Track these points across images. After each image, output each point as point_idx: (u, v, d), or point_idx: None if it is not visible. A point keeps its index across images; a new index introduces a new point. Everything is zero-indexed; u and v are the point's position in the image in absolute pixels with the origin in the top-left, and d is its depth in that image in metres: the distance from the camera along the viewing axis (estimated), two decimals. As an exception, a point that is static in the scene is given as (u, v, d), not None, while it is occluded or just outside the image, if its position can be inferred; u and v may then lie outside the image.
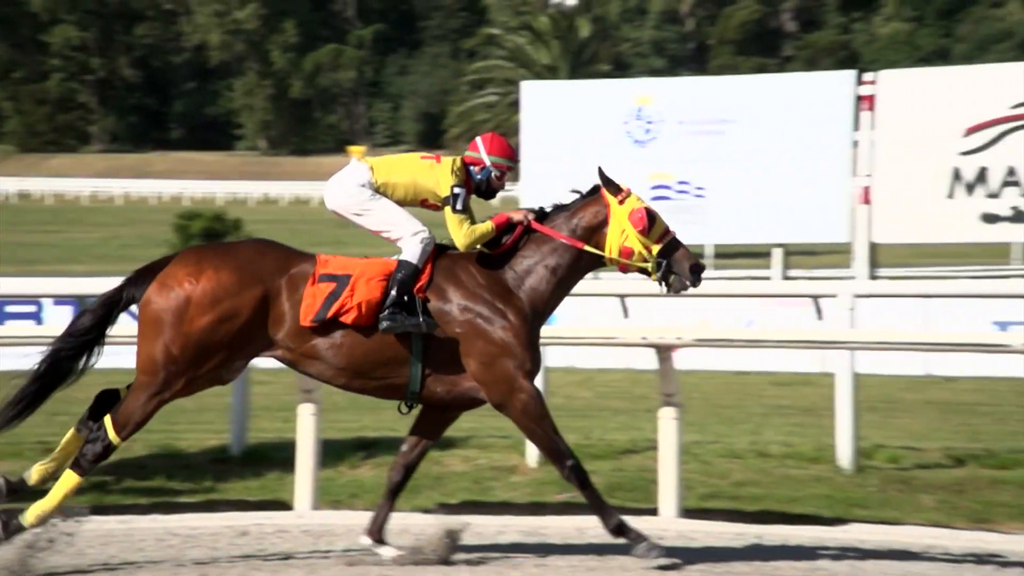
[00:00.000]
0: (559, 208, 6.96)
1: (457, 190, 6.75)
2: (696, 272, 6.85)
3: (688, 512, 8.00)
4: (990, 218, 11.39)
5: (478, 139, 6.98)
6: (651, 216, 6.82)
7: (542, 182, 13.40)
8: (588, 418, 11.50)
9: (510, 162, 6.97)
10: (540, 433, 6.74)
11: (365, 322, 6.59)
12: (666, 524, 7.70)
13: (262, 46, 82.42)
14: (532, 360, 6.72)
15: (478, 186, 6.93)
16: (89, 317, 6.74)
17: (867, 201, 11.90)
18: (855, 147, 12.28)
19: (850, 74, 13.13)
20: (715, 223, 13.16)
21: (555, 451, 6.74)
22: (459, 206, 6.73)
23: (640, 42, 77.99)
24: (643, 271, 6.88)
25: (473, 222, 6.78)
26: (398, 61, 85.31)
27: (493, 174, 6.90)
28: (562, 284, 6.86)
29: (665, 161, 13.39)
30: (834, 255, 22.27)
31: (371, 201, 6.79)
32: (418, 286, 6.66)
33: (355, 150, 73.95)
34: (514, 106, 35.40)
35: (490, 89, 57.49)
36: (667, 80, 24.45)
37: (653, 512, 8.03)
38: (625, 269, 6.95)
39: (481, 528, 7.41)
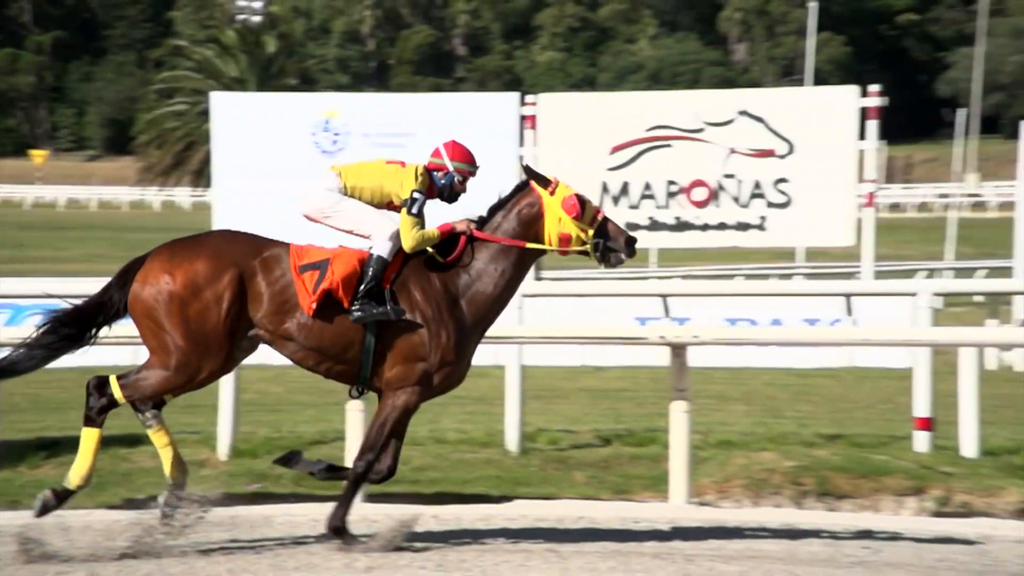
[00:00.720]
0: (495, 208, 6.92)
1: (416, 195, 6.73)
2: (630, 244, 6.93)
3: (372, 497, 8.06)
4: (631, 227, 11.97)
5: (440, 146, 6.95)
6: (581, 201, 6.84)
7: (234, 189, 13.33)
8: (278, 412, 11.48)
9: (471, 167, 6.93)
10: (387, 429, 6.71)
11: (344, 300, 6.57)
12: (352, 510, 7.76)
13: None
14: (452, 366, 6.73)
15: (441, 191, 6.91)
16: (72, 315, 6.71)
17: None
18: (521, 161, 12.68)
19: (514, 96, 13.55)
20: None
21: (375, 446, 6.71)
22: (415, 209, 6.71)
23: (325, 59, 77.86)
24: (582, 252, 6.90)
25: (423, 227, 6.73)
26: (81, 68, 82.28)
27: (456, 179, 6.89)
28: (511, 283, 6.87)
29: (352, 171, 13.48)
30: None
31: (341, 203, 6.77)
32: (386, 277, 6.66)
33: (37, 154, 70.54)
34: (204, 115, 34.81)
35: (179, 98, 56.01)
36: (352, 95, 24.51)
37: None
38: (565, 253, 7.00)
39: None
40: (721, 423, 10.42)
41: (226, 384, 9.47)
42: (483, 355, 15.56)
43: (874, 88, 12.38)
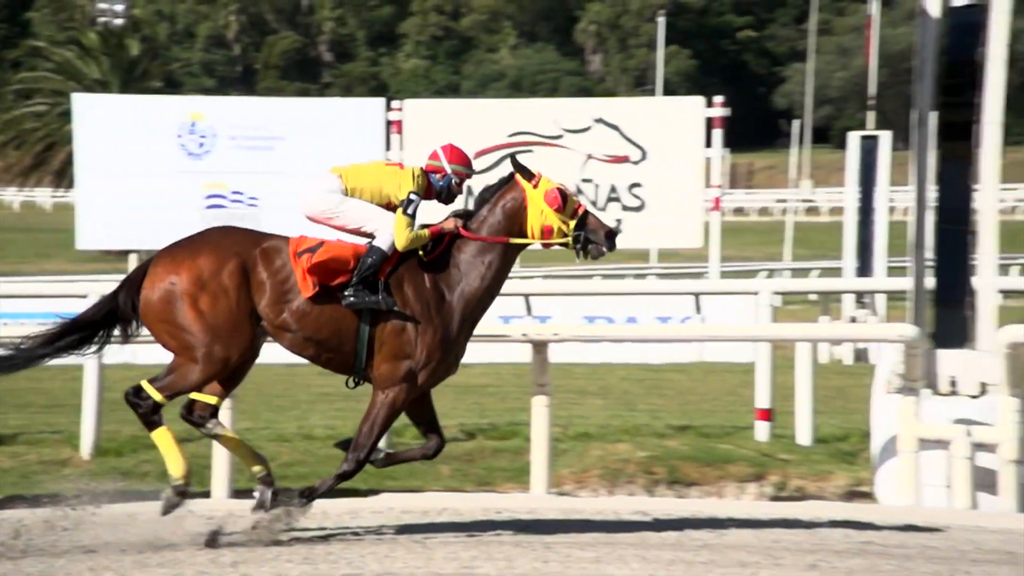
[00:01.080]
0: (481, 202, 6.89)
1: (413, 196, 6.69)
2: (611, 238, 6.88)
3: (238, 492, 7.94)
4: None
5: (438, 149, 6.90)
6: (563, 194, 6.78)
7: (99, 190, 13.02)
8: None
9: (468, 170, 6.92)
10: (379, 423, 6.68)
11: (330, 279, 6.51)
12: (218, 505, 7.62)
13: None
14: (437, 363, 6.66)
15: (439, 192, 6.87)
16: (79, 323, 6.70)
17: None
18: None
19: (380, 101, 13.46)
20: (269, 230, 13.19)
21: (370, 443, 6.70)
22: (410, 210, 6.66)
23: (190, 63, 76.63)
24: (563, 244, 6.86)
25: (414, 228, 6.68)
26: (-67, 68, 79.68)
27: (453, 180, 6.86)
28: (499, 275, 6.84)
29: (219, 173, 13.26)
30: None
31: (344, 204, 6.71)
32: (383, 270, 6.60)
33: None
34: (65, 116, 33.85)
35: (39, 99, 54.41)
36: (218, 99, 24.09)
37: (207, 495, 7.99)
38: (548, 246, 6.97)
39: (29, 519, 6.89)
40: (580, 416, 10.50)
41: (89, 383, 9.25)
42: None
43: (718, 99, 12.62)
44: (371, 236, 6.73)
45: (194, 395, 6.69)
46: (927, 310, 8.19)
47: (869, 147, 17.16)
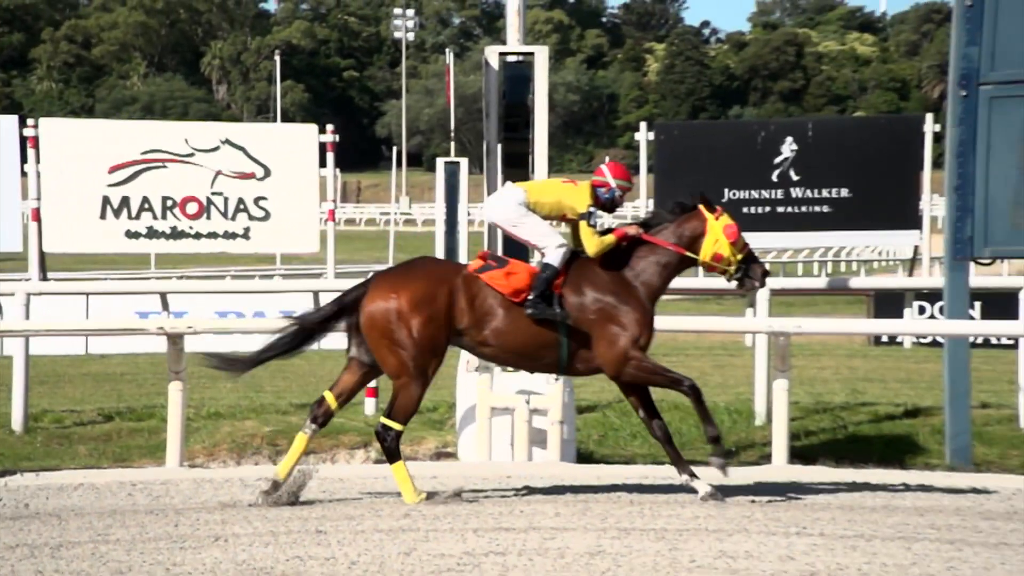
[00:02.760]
0: (661, 219, 6.89)
1: (593, 209, 6.73)
2: (764, 275, 6.96)
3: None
4: (132, 235, 11.51)
5: (603, 166, 6.93)
6: (739, 231, 6.84)
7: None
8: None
9: (629, 183, 6.90)
10: (658, 378, 6.68)
11: (517, 298, 6.50)
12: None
13: None
14: (646, 335, 6.65)
15: (604, 204, 6.83)
16: (316, 316, 6.76)
17: (37, 219, 11.53)
18: (25, 176, 11.80)
19: (13, 119, 12.61)
20: None
21: (674, 380, 6.68)
22: (593, 221, 6.69)
23: None
24: (723, 272, 6.87)
25: (599, 235, 6.71)
26: None
27: (617, 194, 6.84)
28: (668, 279, 6.84)
29: None
30: (15, 261, 21.19)
31: (525, 217, 6.71)
32: (556, 284, 6.58)
33: None
34: None
35: None
36: None
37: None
38: (709, 269, 6.96)
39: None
40: (212, 398, 10.22)
41: None
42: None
43: (330, 127, 12.63)
44: (540, 250, 6.69)
45: (327, 394, 6.70)
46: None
47: (452, 170, 17.57)
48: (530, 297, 6.54)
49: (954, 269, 8.31)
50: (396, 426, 6.62)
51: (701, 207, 6.93)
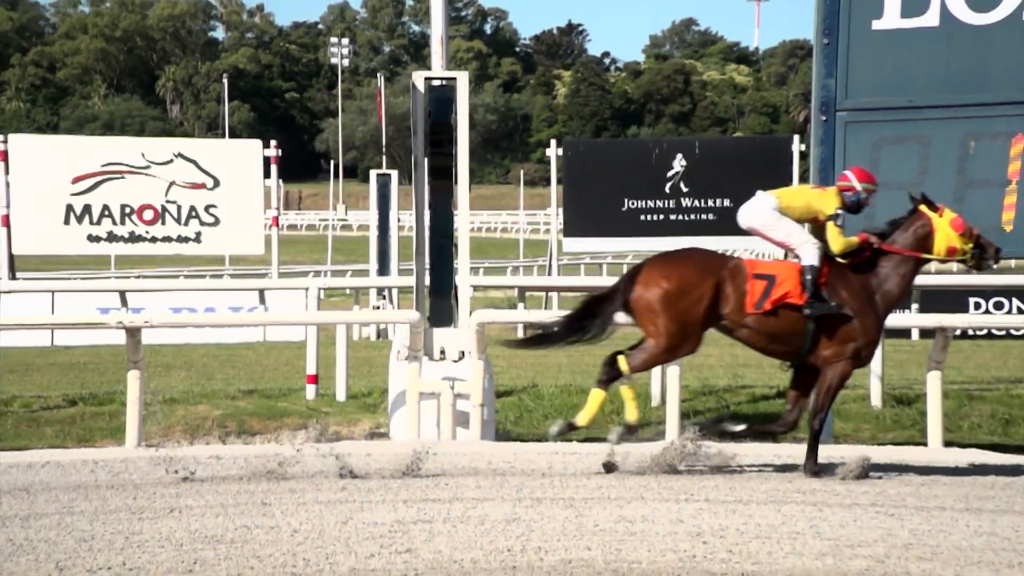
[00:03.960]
0: (893, 226, 6.64)
1: (840, 211, 6.53)
2: (998, 253, 6.72)
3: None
4: (94, 238, 11.32)
5: (848, 172, 6.74)
6: (964, 222, 6.63)
7: None
8: None
9: (874, 186, 6.67)
10: (832, 390, 6.51)
11: (782, 302, 6.32)
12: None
13: None
14: (870, 349, 6.54)
15: (850, 207, 6.62)
16: (583, 308, 6.54)
17: (7, 224, 11.22)
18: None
19: (-17, 136, 12.30)
20: None
21: (827, 405, 6.53)
22: (839, 222, 6.50)
23: None
24: (961, 261, 6.65)
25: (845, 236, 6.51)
26: None
27: (862, 196, 6.63)
28: (908, 284, 6.66)
29: None
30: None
31: (779, 221, 6.54)
32: (821, 281, 6.40)
33: None
34: None
35: None
36: None
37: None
38: (945, 261, 6.73)
39: None
40: (168, 385, 9.99)
41: None
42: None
43: (273, 143, 12.53)
44: (793, 251, 6.49)
45: (621, 359, 6.38)
46: (425, 300, 8.46)
47: (384, 182, 17.62)
48: (807, 299, 6.35)
49: (819, 269, 8.46)
50: (624, 368, 6.38)
51: (922, 208, 6.66)
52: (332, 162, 57.54)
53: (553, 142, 14.78)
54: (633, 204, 13.87)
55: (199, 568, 4.74)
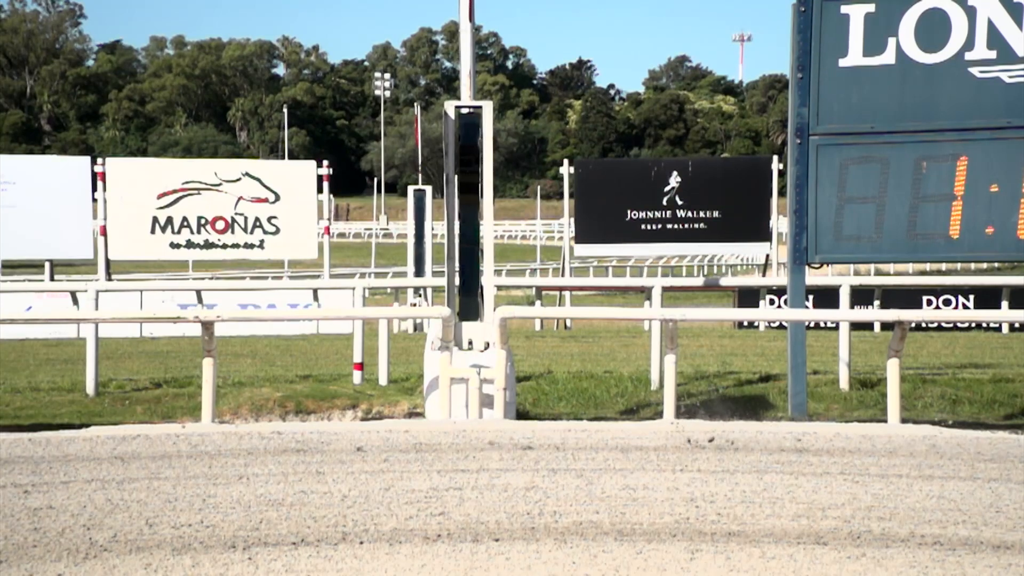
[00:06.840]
0: None
1: None
2: None
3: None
4: (175, 245, 11.44)
5: None
6: None
7: None
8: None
9: None
10: None
11: None
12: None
13: None
14: None
15: None
16: None
17: (104, 234, 11.39)
18: (95, 202, 11.67)
19: (86, 159, 12.53)
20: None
21: None
22: None
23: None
24: None
25: None
26: None
27: None
28: None
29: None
30: (87, 266, 20.80)
31: None
32: None
33: None
34: None
35: None
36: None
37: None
38: None
39: None
40: (236, 371, 10.07)
41: None
42: (70, 330, 13.90)
43: (325, 163, 12.62)
44: None
45: None
46: (455, 298, 8.48)
47: (420, 196, 17.68)
48: None
49: (795, 271, 8.46)
50: None
51: None
52: (375, 179, 57.82)
53: (566, 162, 14.80)
54: (635, 215, 13.88)
55: (264, 526, 4.79)
